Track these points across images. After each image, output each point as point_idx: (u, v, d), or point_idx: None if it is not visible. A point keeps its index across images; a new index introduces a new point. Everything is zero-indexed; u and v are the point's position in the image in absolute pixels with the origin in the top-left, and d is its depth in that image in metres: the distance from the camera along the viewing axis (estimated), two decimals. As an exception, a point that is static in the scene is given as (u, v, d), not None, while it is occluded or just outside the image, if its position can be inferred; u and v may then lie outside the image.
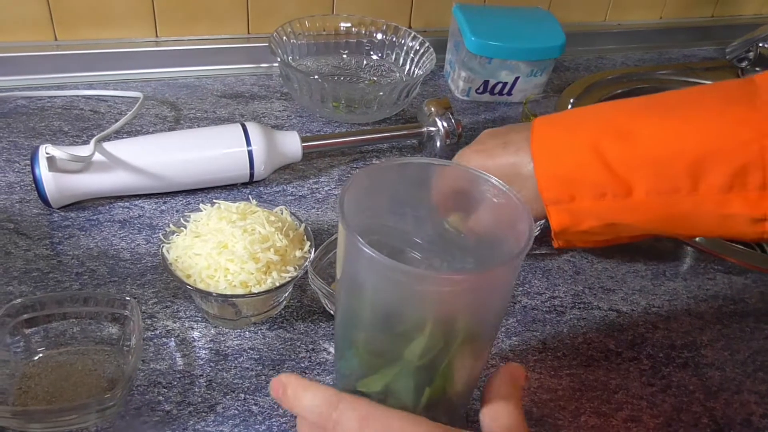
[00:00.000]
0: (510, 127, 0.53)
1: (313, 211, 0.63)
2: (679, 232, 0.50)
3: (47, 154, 0.55)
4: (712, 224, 0.46)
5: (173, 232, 0.51)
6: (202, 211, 0.51)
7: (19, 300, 0.46)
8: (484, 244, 0.41)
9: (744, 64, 0.96)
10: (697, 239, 0.64)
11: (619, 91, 0.89)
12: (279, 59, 0.73)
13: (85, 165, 0.57)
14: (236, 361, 0.48)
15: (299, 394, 0.35)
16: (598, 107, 0.51)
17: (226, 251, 0.47)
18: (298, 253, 0.50)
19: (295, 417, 0.45)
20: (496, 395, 0.36)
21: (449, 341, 0.35)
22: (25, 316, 0.46)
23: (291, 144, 0.64)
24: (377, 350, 0.38)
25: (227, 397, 0.46)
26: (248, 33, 0.85)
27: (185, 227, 0.51)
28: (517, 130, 0.51)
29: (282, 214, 0.53)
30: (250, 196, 0.63)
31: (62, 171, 0.56)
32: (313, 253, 0.50)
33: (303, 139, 0.65)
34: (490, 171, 0.39)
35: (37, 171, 0.55)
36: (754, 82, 0.45)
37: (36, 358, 0.46)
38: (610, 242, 0.52)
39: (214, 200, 0.53)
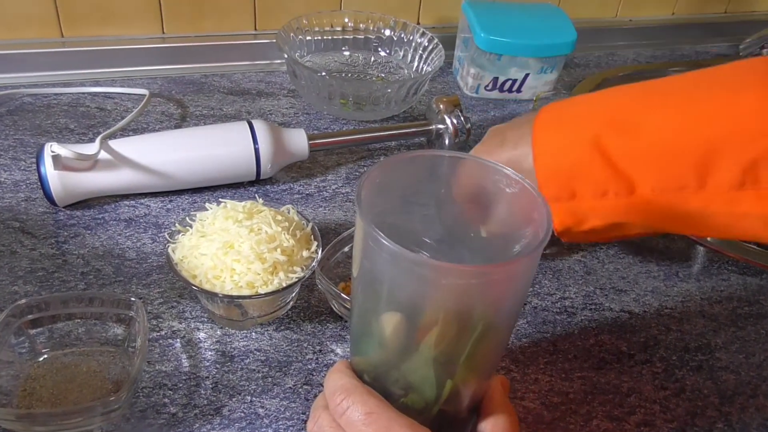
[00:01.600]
0: (513, 121, 0.51)
1: (320, 209, 0.62)
2: (689, 232, 0.48)
3: (52, 152, 0.54)
4: (723, 224, 0.43)
5: (179, 232, 0.50)
6: (207, 210, 0.51)
7: (23, 300, 0.45)
8: (495, 243, 0.40)
9: (758, 60, 0.94)
10: (709, 239, 0.63)
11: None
12: (286, 56, 0.72)
13: (90, 163, 0.56)
14: (242, 363, 0.48)
15: (329, 374, 0.37)
16: (604, 94, 0.47)
17: (232, 251, 0.46)
18: (305, 253, 0.49)
19: (303, 420, 0.44)
20: (493, 405, 0.37)
21: (469, 333, 0.35)
22: (30, 316, 0.46)
23: (298, 142, 0.63)
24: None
25: (233, 399, 0.45)
26: (255, 29, 0.85)
27: (191, 226, 0.50)
28: (518, 125, 0.49)
29: (289, 213, 0.52)
30: (256, 195, 0.62)
31: (68, 169, 0.55)
32: (320, 253, 0.50)
33: (310, 137, 0.64)
34: None
35: (42, 169, 0.55)
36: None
37: (41, 359, 0.46)
38: (619, 239, 0.50)
39: (220, 199, 0.52)
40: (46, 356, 0.46)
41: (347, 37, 0.82)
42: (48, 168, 0.55)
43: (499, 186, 0.38)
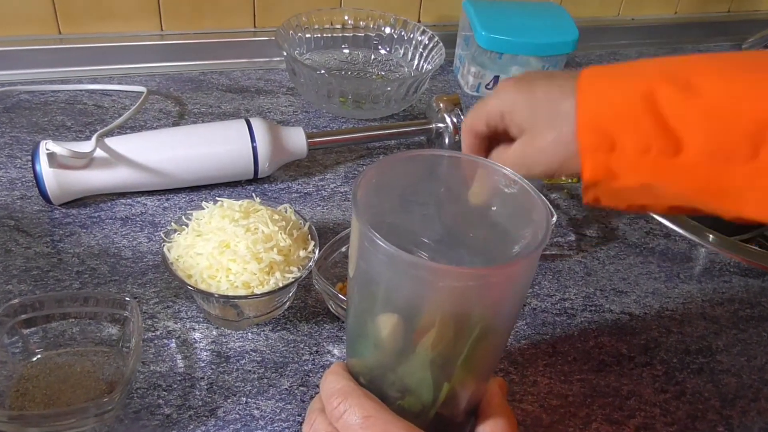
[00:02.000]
0: (557, 71, 0.49)
1: (318, 208, 0.61)
2: (726, 206, 0.43)
3: (48, 150, 0.54)
4: (765, 201, 0.40)
5: (175, 231, 0.50)
6: (204, 209, 0.50)
7: (17, 299, 0.45)
8: (494, 243, 0.40)
9: (761, 59, 0.93)
10: (711, 239, 0.62)
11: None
12: (285, 53, 0.71)
13: (86, 161, 0.56)
14: (238, 364, 0.47)
15: (326, 377, 0.36)
16: (656, 59, 0.45)
17: (228, 251, 0.46)
18: (302, 253, 0.48)
19: (299, 422, 0.44)
20: (491, 408, 0.36)
21: (466, 335, 0.34)
22: (24, 316, 0.45)
23: (296, 140, 0.63)
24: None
25: (228, 400, 0.45)
26: (254, 27, 0.84)
27: (187, 225, 0.50)
28: (564, 72, 0.46)
29: (286, 212, 0.51)
30: (254, 194, 0.62)
31: (63, 167, 0.55)
32: (317, 252, 0.49)
33: (308, 135, 0.63)
34: (524, 103, 0.35)
35: (37, 167, 0.54)
36: None
37: (34, 359, 0.45)
38: (640, 209, 0.46)
39: (217, 198, 0.51)
40: (39, 356, 0.45)
41: (347, 34, 0.82)
42: (43, 166, 0.54)
43: (498, 186, 0.38)
